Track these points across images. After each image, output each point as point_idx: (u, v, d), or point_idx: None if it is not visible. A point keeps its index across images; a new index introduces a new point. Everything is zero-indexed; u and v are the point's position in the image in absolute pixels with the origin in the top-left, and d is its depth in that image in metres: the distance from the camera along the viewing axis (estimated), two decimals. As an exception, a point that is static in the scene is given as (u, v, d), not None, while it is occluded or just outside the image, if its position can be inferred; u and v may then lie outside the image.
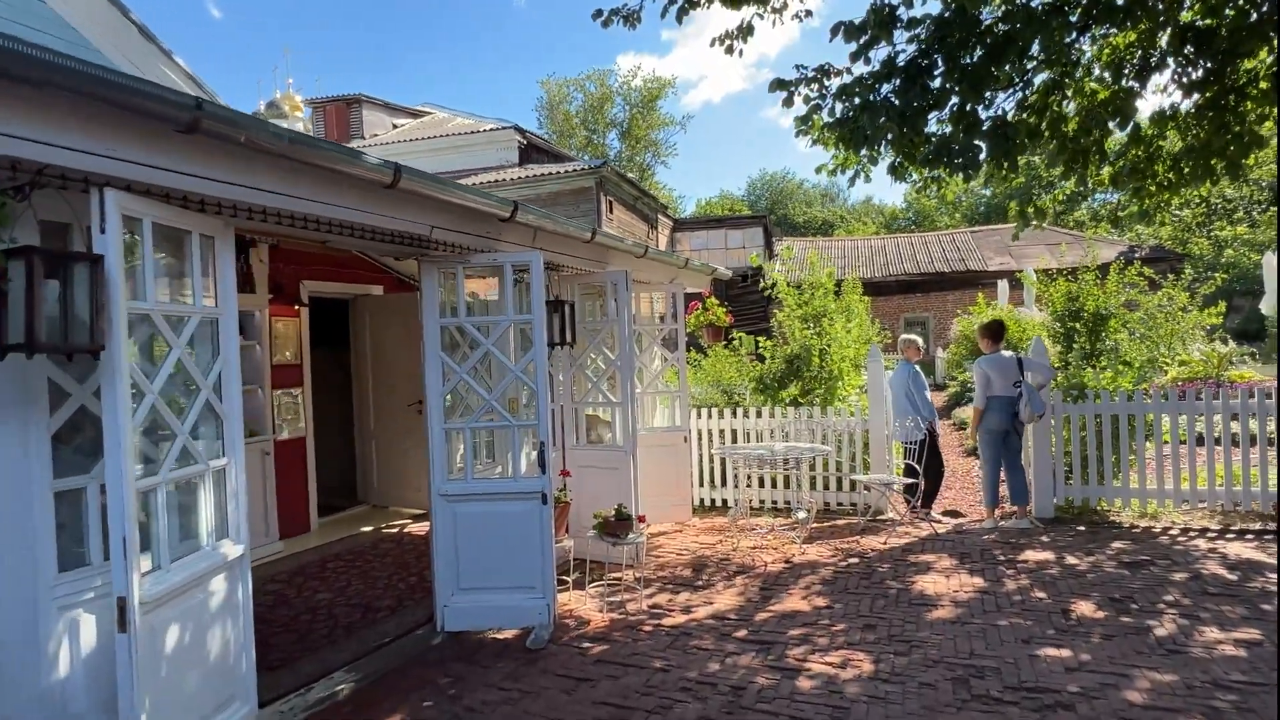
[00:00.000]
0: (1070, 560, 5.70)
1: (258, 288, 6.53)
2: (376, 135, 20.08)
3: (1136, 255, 24.01)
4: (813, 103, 6.47)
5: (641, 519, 5.24)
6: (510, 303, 4.54)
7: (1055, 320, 16.17)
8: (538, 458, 4.50)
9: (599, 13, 6.55)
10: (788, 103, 6.46)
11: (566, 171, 15.54)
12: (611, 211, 16.00)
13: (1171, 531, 6.48)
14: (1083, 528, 6.70)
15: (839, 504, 7.83)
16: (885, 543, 6.41)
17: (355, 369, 8.36)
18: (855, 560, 5.95)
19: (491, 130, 18.17)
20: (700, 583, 5.55)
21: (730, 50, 6.89)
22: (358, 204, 3.52)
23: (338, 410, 8.44)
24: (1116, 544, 6.13)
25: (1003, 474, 7.21)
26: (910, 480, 6.91)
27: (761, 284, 9.67)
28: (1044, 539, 6.36)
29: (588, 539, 5.12)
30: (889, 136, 5.94)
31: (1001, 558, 5.85)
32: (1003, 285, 21.75)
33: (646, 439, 7.04)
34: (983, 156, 5.81)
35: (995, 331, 7.15)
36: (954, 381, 21.00)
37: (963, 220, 45.61)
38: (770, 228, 29.44)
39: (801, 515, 6.36)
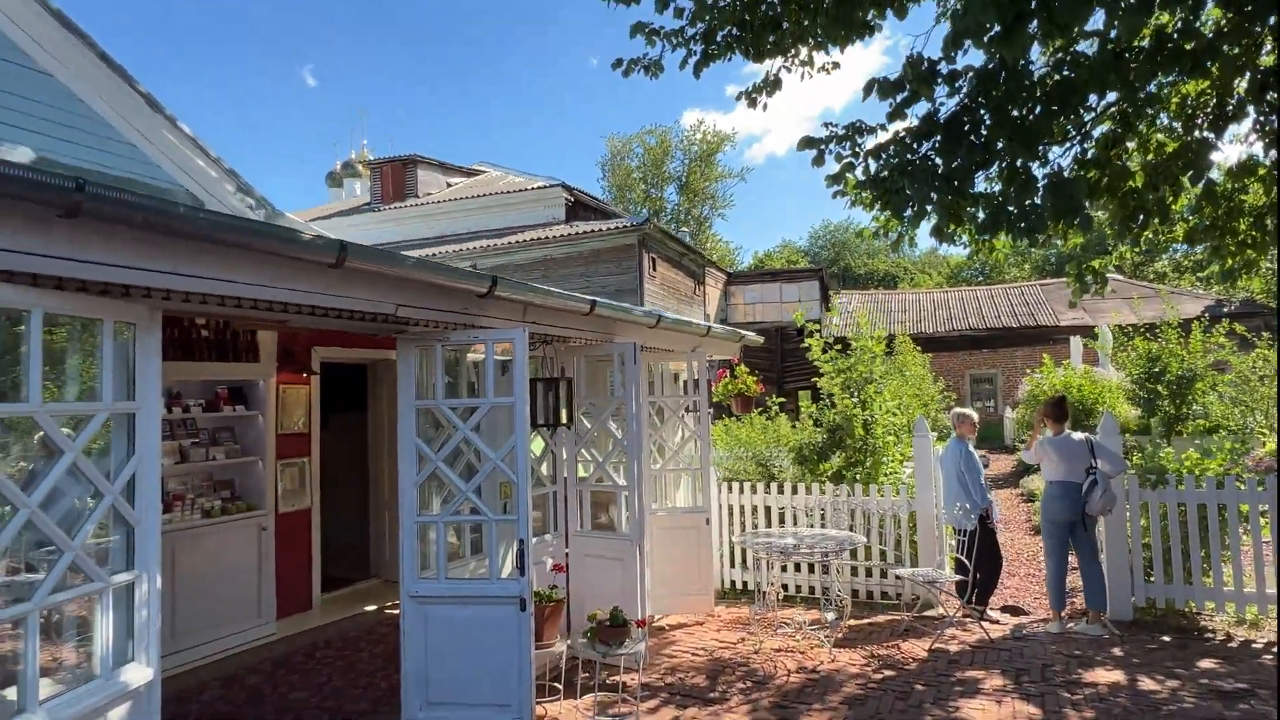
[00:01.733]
0: (1147, 685, 4.85)
1: (262, 356, 6.36)
2: (430, 194, 20.49)
3: (1224, 310, 22.33)
4: (845, 160, 6.02)
5: (642, 623, 4.69)
6: (492, 383, 4.16)
7: (1134, 383, 14.90)
8: (516, 557, 4.04)
9: (619, 62, 6.29)
10: (818, 161, 6.01)
11: (609, 229, 15.37)
12: (655, 269, 15.72)
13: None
14: (1167, 637, 5.78)
15: (883, 594, 7.07)
16: (929, 649, 5.64)
17: (371, 436, 8.12)
18: (891, 674, 5.21)
19: (540, 188, 18.27)
20: (713, 695, 4.93)
21: (754, 104, 6.52)
22: (305, 285, 3.21)
23: (354, 478, 8.18)
24: (1206, 662, 5.23)
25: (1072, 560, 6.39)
26: (959, 578, 6.13)
27: (805, 341, 9.10)
28: (1117, 651, 5.49)
29: (579, 644, 4.60)
30: (932, 199, 5.39)
31: (1063, 678, 5.02)
32: (1075, 342, 20.45)
33: (665, 520, 6.51)
34: (1046, 217, 5.17)
35: (1058, 411, 6.37)
36: (1023, 445, 19.59)
37: (1033, 272, 43.89)
38: (826, 281, 28.73)
39: (830, 617, 5.68)
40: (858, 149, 6.04)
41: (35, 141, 4.92)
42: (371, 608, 6.97)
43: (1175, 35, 4.83)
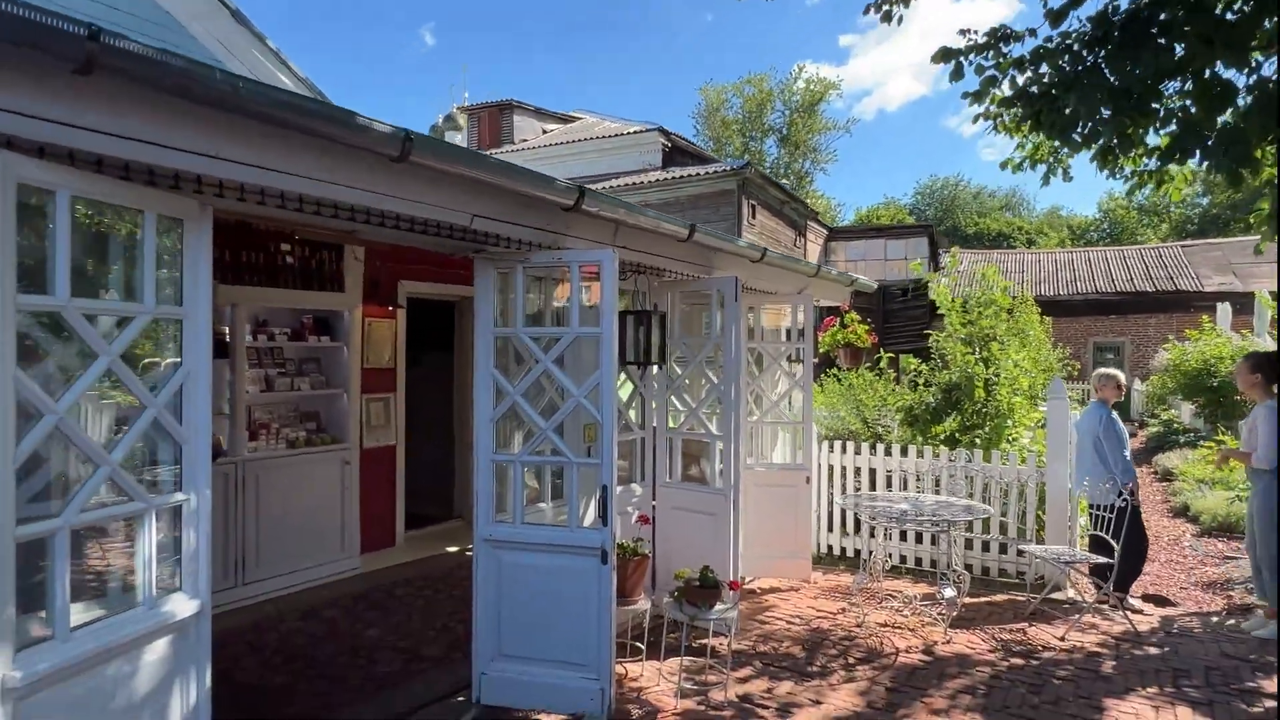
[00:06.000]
0: (1350, 702, 4.02)
1: (349, 286, 6.17)
2: (526, 140, 20.22)
3: None
4: (987, 73, 5.19)
5: (735, 585, 4.22)
6: (578, 311, 3.71)
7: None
8: (599, 505, 3.63)
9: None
10: (956, 75, 5.23)
11: (706, 174, 14.63)
12: (754, 216, 14.92)
13: None
14: (1360, 646, 4.85)
15: (1000, 571, 6.36)
16: (1063, 638, 4.94)
17: (457, 376, 7.92)
18: (1020, 661, 4.57)
19: (636, 133, 17.64)
20: (812, 669, 4.44)
21: (889, 17, 5.71)
22: (365, 182, 2.83)
23: (439, 418, 8.04)
24: None
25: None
26: (1101, 560, 5.35)
27: (932, 293, 8.20)
28: (1301, 659, 4.63)
29: (665, 603, 4.18)
30: (1103, 116, 4.48)
31: (1236, 685, 4.24)
32: (1223, 309, 18.27)
33: (761, 477, 5.99)
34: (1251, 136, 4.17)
35: (1273, 368, 5.12)
36: (1154, 420, 17.96)
37: (1171, 233, 39.90)
38: (936, 238, 26.94)
39: (949, 594, 5.04)
40: (1003, 59, 5.20)
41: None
42: (454, 549, 6.82)
43: None
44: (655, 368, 4.92)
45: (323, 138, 2.54)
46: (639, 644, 4.50)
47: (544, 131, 21.20)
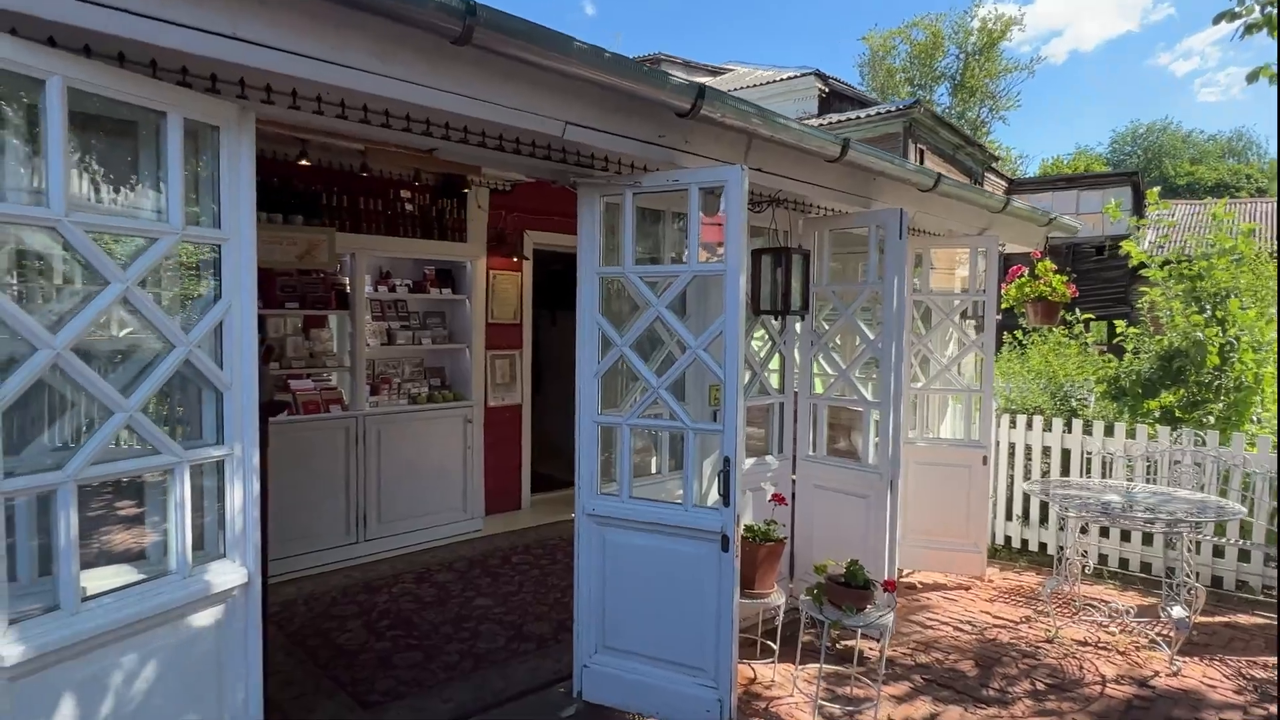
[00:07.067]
0: None
1: (471, 236, 5.86)
2: (674, 95, 19.51)
3: None
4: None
5: (890, 585, 3.44)
6: (696, 245, 3.06)
7: None
8: (720, 481, 2.99)
9: None
10: None
11: (867, 116, 13.26)
12: (922, 162, 13.38)
13: None
14: None
15: (1241, 583, 5.06)
16: (1345, 684, 3.73)
17: (589, 333, 7.50)
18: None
19: (789, 79, 16.40)
20: (988, 692, 3.59)
21: None
22: (429, 77, 2.31)
23: (569, 376, 7.66)
24: None
25: None
26: None
27: (1139, 242, 6.71)
28: None
29: (803, 600, 3.48)
30: None
31: None
32: None
33: (925, 453, 5.09)
34: None
35: None
36: None
37: None
38: (1142, 187, 23.37)
39: (1177, 613, 3.94)
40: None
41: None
42: (580, 516, 6.45)
43: None
44: (797, 320, 4.16)
45: (361, 9, 2.04)
46: (771, 642, 3.85)
47: (693, 86, 20.37)
